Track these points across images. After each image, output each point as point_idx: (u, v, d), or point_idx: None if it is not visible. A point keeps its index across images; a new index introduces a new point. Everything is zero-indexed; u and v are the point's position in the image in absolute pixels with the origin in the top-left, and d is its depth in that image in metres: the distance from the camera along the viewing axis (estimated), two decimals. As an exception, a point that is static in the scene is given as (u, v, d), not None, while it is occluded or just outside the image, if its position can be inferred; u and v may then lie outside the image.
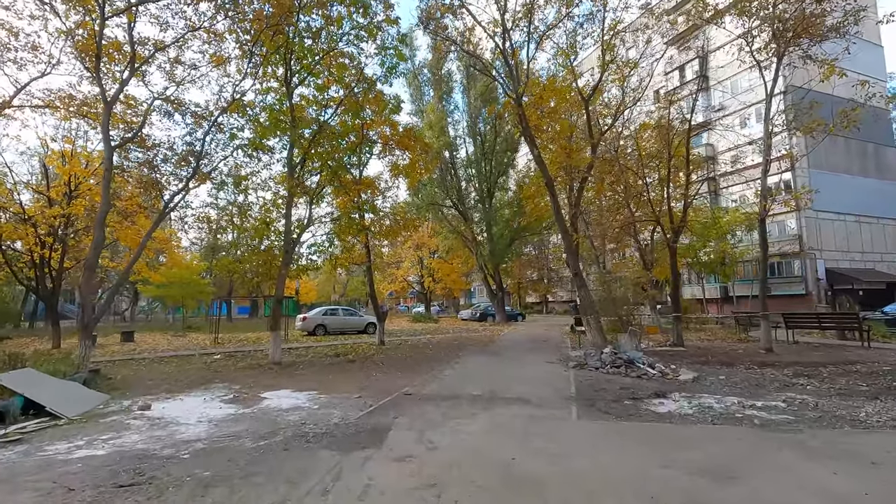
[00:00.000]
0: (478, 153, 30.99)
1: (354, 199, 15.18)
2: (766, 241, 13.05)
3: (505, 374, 10.04)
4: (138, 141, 11.61)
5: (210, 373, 11.01)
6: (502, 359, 12.71)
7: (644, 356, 10.79)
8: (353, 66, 14.41)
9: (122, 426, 6.18)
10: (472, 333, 22.87)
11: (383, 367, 11.50)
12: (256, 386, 9.18)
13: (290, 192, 13.06)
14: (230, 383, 9.55)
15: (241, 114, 13.23)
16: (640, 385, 8.80)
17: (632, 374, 9.80)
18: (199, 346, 17.44)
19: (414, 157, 17.38)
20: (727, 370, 10.45)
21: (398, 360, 13.02)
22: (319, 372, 11.01)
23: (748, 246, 29.81)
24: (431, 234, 39.66)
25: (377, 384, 9.18)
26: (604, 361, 10.63)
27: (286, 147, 13.79)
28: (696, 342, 15.45)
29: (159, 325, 31.80)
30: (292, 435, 5.58)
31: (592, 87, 16.05)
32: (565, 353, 13.83)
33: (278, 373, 10.95)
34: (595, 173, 17.10)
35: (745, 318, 16.57)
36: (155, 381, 9.96)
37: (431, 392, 8.22)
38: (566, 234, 13.73)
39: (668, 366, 10.70)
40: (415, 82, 31.27)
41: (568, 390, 8.24)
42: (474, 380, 9.37)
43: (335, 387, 8.97)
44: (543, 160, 13.96)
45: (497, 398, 7.56)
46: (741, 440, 5.23)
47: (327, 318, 22.48)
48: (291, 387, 9.04)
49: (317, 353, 14.92)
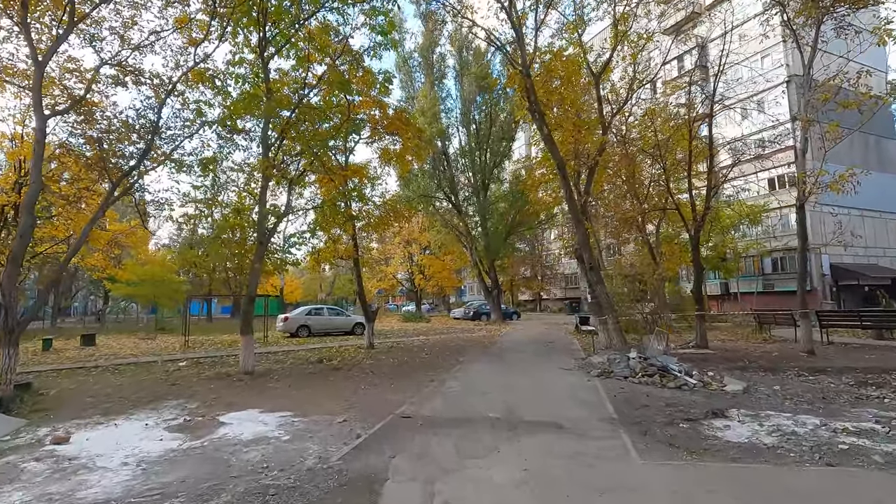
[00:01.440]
0: (472, 142, 29.33)
1: (340, 186, 13.47)
2: (805, 230, 11.66)
3: (520, 386, 8.44)
4: (80, 111, 9.74)
5: (166, 385, 9.25)
6: (510, 365, 11.11)
7: (678, 362, 9.28)
8: (337, 40, 12.70)
9: (10, 474, 4.45)
10: (469, 334, 21.27)
11: (373, 376, 9.84)
12: (217, 404, 7.46)
13: (264, 174, 11.32)
14: (187, 400, 7.83)
15: (209, 84, 11.42)
16: (686, 399, 7.28)
17: (669, 385, 8.28)
18: (166, 351, 15.62)
19: (406, 143, 15.71)
20: (774, 378, 8.99)
21: (390, 366, 11.37)
22: (298, 383, 9.30)
23: (753, 240, 28.67)
24: (423, 229, 37.94)
25: (366, 400, 7.52)
26: (633, 369, 9.10)
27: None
28: (718, 343, 14.04)
29: (131, 327, 29.69)
30: (244, 491, 3.91)
31: (603, 62, 14.56)
32: (578, 356, 12.29)
33: (248, 384, 9.23)
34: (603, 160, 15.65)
35: (770, 315, 15.22)
36: (96, 397, 8.18)
37: (435, 412, 6.58)
38: (580, 223, 12.20)
39: (705, 372, 9.23)
40: (405, 67, 29.46)
41: (604, 408, 6.67)
42: (484, 393, 7.76)
43: (315, 404, 7.29)
44: (554, 140, 12.38)
45: (521, 422, 5.96)
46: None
47: (311, 318, 20.68)
48: (260, 405, 7.34)
49: (297, 359, 13.19)
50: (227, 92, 12.02)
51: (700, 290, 13.10)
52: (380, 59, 13.04)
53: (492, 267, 31.01)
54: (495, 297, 30.96)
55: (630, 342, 11.53)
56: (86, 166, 10.54)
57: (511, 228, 30.54)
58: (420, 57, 29.48)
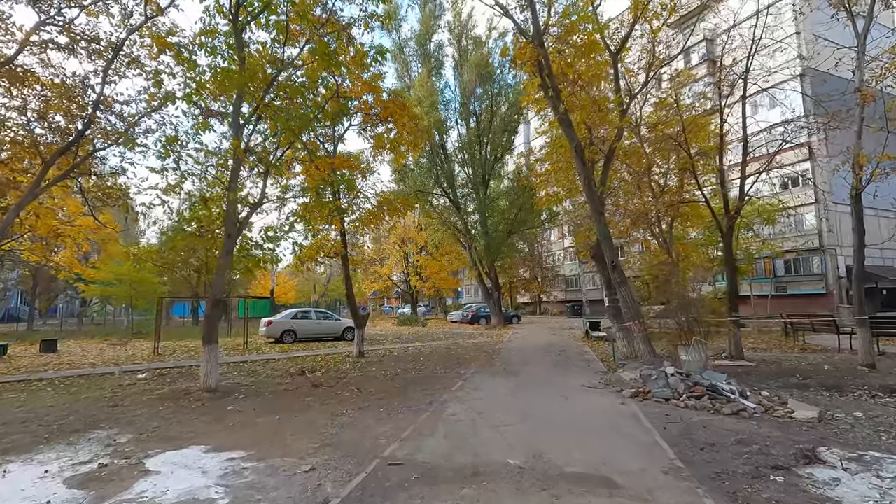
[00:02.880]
0: (471, 136, 27.67)
1: (326, 174, 11.81)
2: (862, 224, 10.12)
3: (541, 412, 6.81)
4: (5, 73, 8.06)
5: (106, 408, 7.57)
6: (522, 381, 9.46)
7: (729, 379, 7.68)
8: (322, 11, 11.08)
9: None
10: (469, 339, 19.62)
11: (359, 397, 8.18)
12: (154, 438, 5.80)
13: (235, 155, 9.67)
14: (120, 430, 6.16)
15: (172, 53, 9.77)
16: (756, 433, 5.68)
17: (724, 411, 6.67)
18: (132, 360, 13.93)
19: (401, 130, 14.08)
20: (845, 400, 7.42)
21: (381, 381, 9.71)
22: (266, 405, 7.64)
23: (768, 240, 27.20)
24: (419, 228, 36.26)
25: (346, 434, 5.87)
26: (674, 388, 7.49)
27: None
28: (749, 352, 12.46)
29: (106, 330, 27.82)
30: None
31: (622, 38, 13.00)
32: (598, 368, 10.69)
33: (206, 406, 7.57)
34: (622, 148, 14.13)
35: (806, 322, 13.65)
36: (8, 425, 6.51)
37: (435, 456, 4.94)
38: (600, 214, 10.61)
39: (758, 392, 7.65)
40: (401, 56, 27.80)
41: (661, 450, 5.04)
42: (497, 426, 6.12)
43: (279, 440, 5.65)
44: (570, 121, 10.79)
45: (555, 475, 4.32)
46: None
47: (297, 322, 18.98)
48: (209, 439, 5.69)
49: (275, 371, 11.52)
50: (194, 63, 10.36)
51: (734, 291, 11.53)
52: (372, 31, 11.86)
53: (492, 267, 29.38)
54: (496, 300, 29.32)
55: (664, 353, 9.94)
56: (12, 142, 8.81)
57: (512, 227, 28.90)
58: (417, 45, 27.84)
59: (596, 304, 42.24)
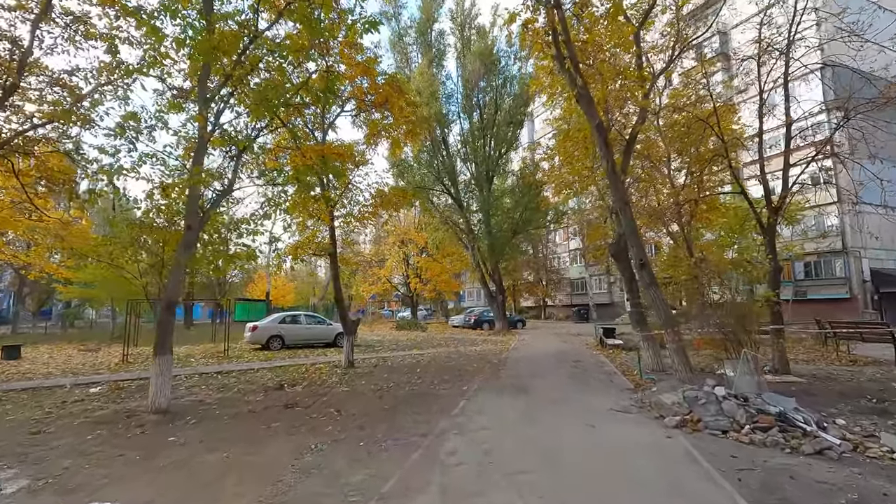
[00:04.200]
0: (475, 129, 26.15)
1: (314, 163, 10.33)
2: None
3: (567, 453, 5.24)
4: None
5: (25, 436, 6.10)
6: (536, 401, 7.92)
7: (797, 407, 6.15)
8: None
9: None
10: (471, 347, 18.07)
11: (337, 422, 6.66)
12: (49, 488, 4.30)
13: (200, 133, 8.23)
14: (18, 473, 4.70)
15: (123, 11, 8.34)
16: (862, 486, 4.16)
17: (804, 450, 5.15)
18: (96, 368, 12.50)
19: (398, 116, 12.64)
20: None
21: (367, 400, 8.20)
22: (219, 434, 6.13)
23: (790, 242, 25.58)
24: (419, 229, 34.77)
25: (307, 485, 4.36)
26: (731, 417, 5.96)
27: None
28: (797, 366, 10.87)
29: (86, 334, 26.36)
30: None
31: (645, 9, 11.55)
32: (622, 384, 9.14)
33: (144, 436, 6.07)
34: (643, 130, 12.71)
35: (854, 330, 12.08)
36: None
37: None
38: (625, 204, 9.08)
39: (832, 420, 6.11)
40: (400, 45, 26.33)
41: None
42: (513, 473, 4.61)
43: (214, 494, 4.15)
44: (591, 97, 9.29)
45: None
46: None
47: (285, 326, 17.47)
48: (125, 491, 4.20)
49: (249, 384, 10.01)
50: (156, 28, 8.93)
51: (777, 296, 9.97)
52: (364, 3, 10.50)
53: (496, 269, 27.82)
54: (500, 304, 27.75)
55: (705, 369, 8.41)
56: None
57: (517, 227, 27.34)
58: (416, 34, 26.37)
59: (604, 309, 40.58)
